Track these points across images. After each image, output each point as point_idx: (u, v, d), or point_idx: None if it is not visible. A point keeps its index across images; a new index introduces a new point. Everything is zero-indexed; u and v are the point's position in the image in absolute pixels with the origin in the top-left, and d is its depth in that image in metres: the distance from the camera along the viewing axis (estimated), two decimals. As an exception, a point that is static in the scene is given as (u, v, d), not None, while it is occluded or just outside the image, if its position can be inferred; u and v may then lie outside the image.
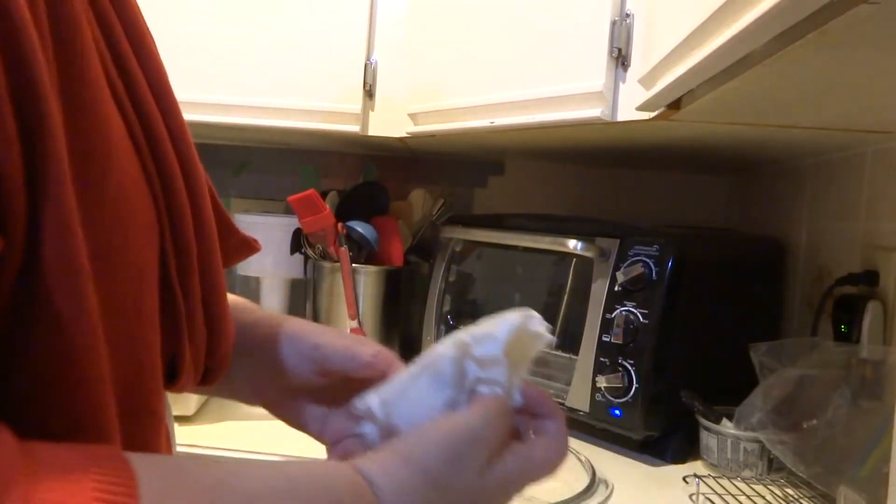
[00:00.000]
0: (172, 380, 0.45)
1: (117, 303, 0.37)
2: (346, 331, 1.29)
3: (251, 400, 0.58)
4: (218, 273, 0.46)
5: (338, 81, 1.28)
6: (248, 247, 0.57)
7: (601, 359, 1.00)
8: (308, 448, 0.93)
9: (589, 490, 0.68)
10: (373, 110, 1.29)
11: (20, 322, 0.32)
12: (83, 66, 0.35)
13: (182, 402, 0.98)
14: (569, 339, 1.06)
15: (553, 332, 0.53)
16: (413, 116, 1.24)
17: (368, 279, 1.33)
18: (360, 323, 1.30)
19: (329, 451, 0.55)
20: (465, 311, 1.25)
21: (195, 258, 0.43)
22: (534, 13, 1.04)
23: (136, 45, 0.42)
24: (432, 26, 1.21)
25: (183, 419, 0.99)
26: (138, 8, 0.44)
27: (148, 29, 0.44)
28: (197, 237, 0.44)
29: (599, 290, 1.02)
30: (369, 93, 1.28)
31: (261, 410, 0.58)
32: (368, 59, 1.28)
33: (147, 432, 0.41)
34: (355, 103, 1.28)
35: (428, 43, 1.22)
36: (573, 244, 1.04)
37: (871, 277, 0.95)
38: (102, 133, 0.36)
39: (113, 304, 0.37)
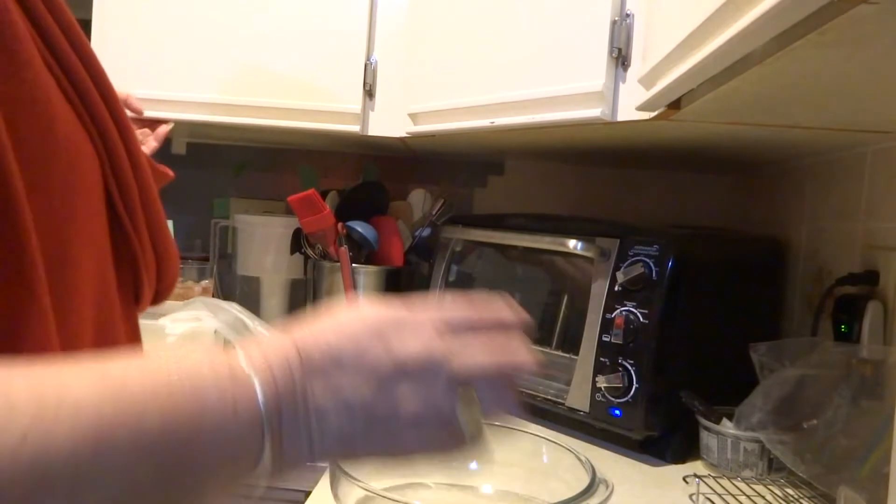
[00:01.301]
0: (137, 303, 0.54)
1: (77, 231, 0.45)
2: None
3: None
4: (156, 203, 0.53)
5: (338, 81, 1.28)
6: (165, 174, 0.67)
7: (601, 359, 1.00)
8: (308, 448, 0.92)
9: (589, 490, 0.68)
10: (373, 110, 1.29)
11: None
12: (13, 34, 0.41)
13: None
14: (569, 339, 1.06)
15: (552, 331, 0.55)
16: (413, 116, 1.24)
17: (368, 279, 1.33)
18: (360, 323, 1.29)
19: None
20: (465, 311, 1.25)
21: (136, 190, 0.51)
22: (534, 13, 1.04)
23: (52, 10, 0.47)
24: (432, 26, 1.21)
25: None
26: None
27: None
28: (134, 172, 0.51)
29: (599, 290, 1.02)
30: (369, 93, 1.28)
31: None
32: (368, 59, 1.28)
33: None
34: (355, 103, 1.28)
35: (428, 43, 1.22)
36: (573, 244, 1.04)
37: (871, 277, 0.96)
38: (39, 90, 0.42)
39: (76, 232, 0.44)
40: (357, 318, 0.43)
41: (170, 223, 0.60)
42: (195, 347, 0.41)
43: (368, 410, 0.41)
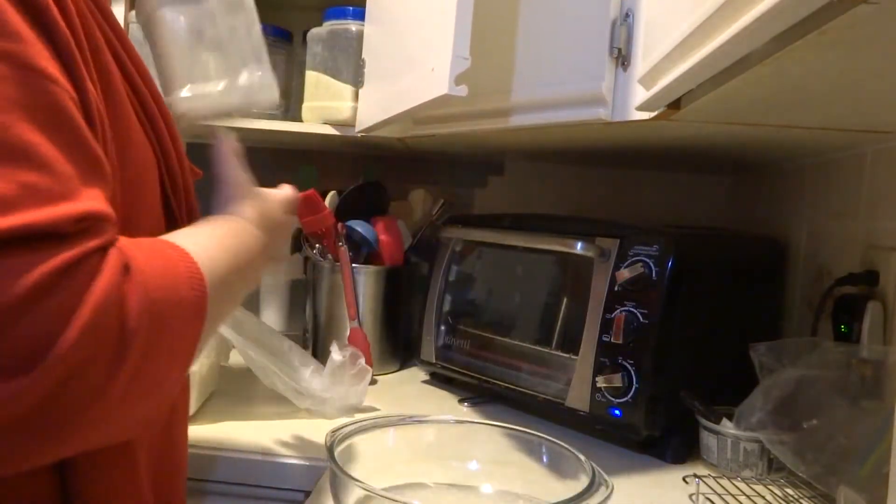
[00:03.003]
0: None
1: (146, 221, 0.59)
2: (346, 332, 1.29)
3: None
4: (192, 192, 0.69)
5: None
6: (196, 172, 0.79)
7: (601, 359, 1.00)
8: (310, 449, 0.93)
9: (589, 490, 0.68)
10: (373, 110, 1.29)
11: None
12: (108, 67, 0.55)
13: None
14: (569, 339, 1.06)
15: (551, 331, 0.55)
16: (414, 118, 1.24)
17: (368, 279, 1.33)
18: (360, 323, 1.29)
19: None
20: (465, 311, 1.25)
21: (182, 186, 0.66)
22: (533, 14, 1.04)
23: (120, 38, 0.61)
24: (432, 26, 1.21)
25: (183, 419, 0.99)
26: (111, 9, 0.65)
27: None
28: (180, 168, 0.66)
29: (599, 290, 1.02)
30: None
31: (261, 411, 0.66)
32: (368, 59, 1.28)
33: None
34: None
35: (428, 43, 1.22)
36: (573, 244, 1.04)
37: (871, 277, 0.95)
38: (123, 109, 0.56)
39: (143, 222, 0.59)
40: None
41: None
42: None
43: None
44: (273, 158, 1.68)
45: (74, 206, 0.44)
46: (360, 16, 1.29)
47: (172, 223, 0.64)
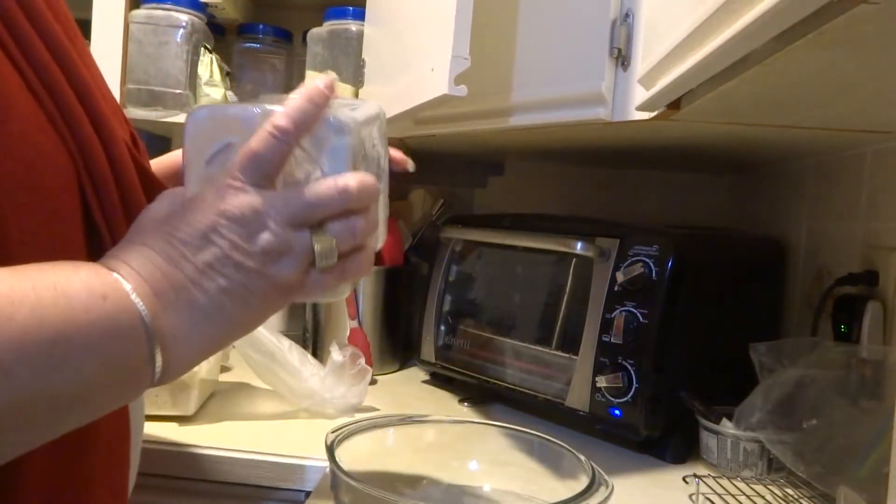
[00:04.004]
0: None
1: (31, 232, 0.44)
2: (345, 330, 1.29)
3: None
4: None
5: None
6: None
7: (601, 359, 1.00)
8: (310, 449, 0.93)
9: (589, 490, 0.68)
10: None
11: None
12: None
13: (182, 402, 0.98)
14: (569, 339, 1.06)
15: (551, 331, 0.55)
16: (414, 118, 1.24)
17: (368, 279, 1.33)
18: (360, 323, 1.29)
19: None
20: (465, 311, 1.25)
21: (116, 195, 0.51)
22: (533, 14, 1.04)
23: (29, 13, 0.48)
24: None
25: (183, 419, 0.99)
26: None
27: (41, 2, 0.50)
28: (114, 175, 0.51)
29: (599, 290, 1.02)
30: (369, 93, 1.28)
31: (261, 411, 0.62)
32: (368, 59, 1.28)
33: None
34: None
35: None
36: (573, 244, 1.04)
37: (871, 277, 0.95)
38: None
39: (25, 233, 0.44)
40: (160, 208, 0.48)
41: None
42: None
43: (231, 260, 0.45)
44: (273, 158, 1.68)
45: None
46: (360, 16, 1.29)
47: (97, 244, 0.50)
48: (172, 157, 0.75)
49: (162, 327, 0.43)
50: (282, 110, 0.48)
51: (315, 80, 0.50)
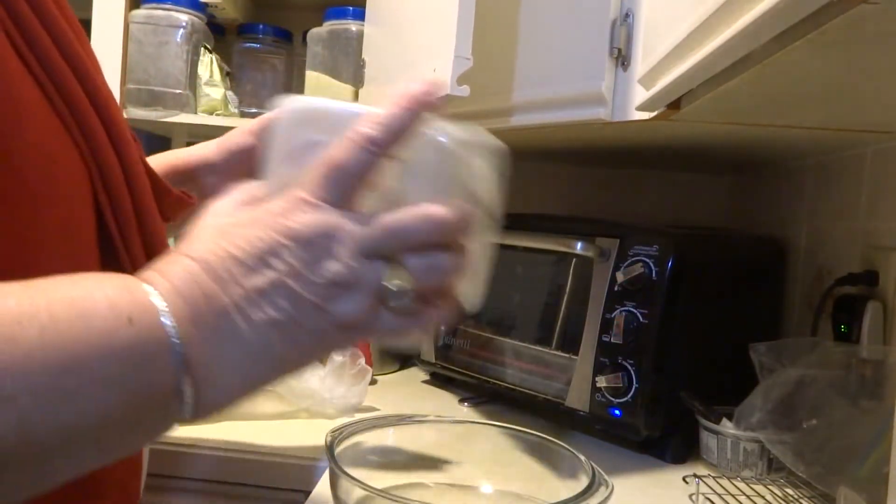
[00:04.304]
0: None
1: (47, 239, 0.42)
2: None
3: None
4: (155, 222, 0.50)
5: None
6: (184, 201, 0.62)
7: (601, 359, 1.00)
8: (310, 449, 0.93)
9: (589, 490, 0.68)
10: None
11: None
12: None
13: (182, 402, 0.98)
14: (569, 339, 1.06)
15: (551, 331, 0.52)
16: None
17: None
18: (360, 323, 1.29)
19: None
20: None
21: (129, 201, 0.48)
22: (534, 14, 1.04)
23: (43, 19, 0.45)
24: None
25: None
26: None
27: (53, 6, 0.48)
28: (127, 180, 0.48)
29: (599, 290, 1.02)
30: (369, 93, 1.28)
31: (261, 411, 0.60)
32: (368, 59, 1.28)
33: None
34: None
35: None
36: (573, 244, 1.04)
37: (871, 277, 0.95)
38: (11, 94, 0.40)
39: (43, 240, 0.42)
40: (224, 209, 0.43)
41: (171, 241, 0.57)
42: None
43: (286, 289, 0.39)
44: (273, 158, 1.68)
45: None
46: (360, 16, 1.29)
47: (109, 250, 0.48)
48: (168, 157, 0.75)
49: (195, 356, 0.37)
50: (374, 114, 0.42)
51: (413, 84, 0.43)
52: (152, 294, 0.37)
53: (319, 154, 0.41)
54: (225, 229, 0.41)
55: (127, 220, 0.48)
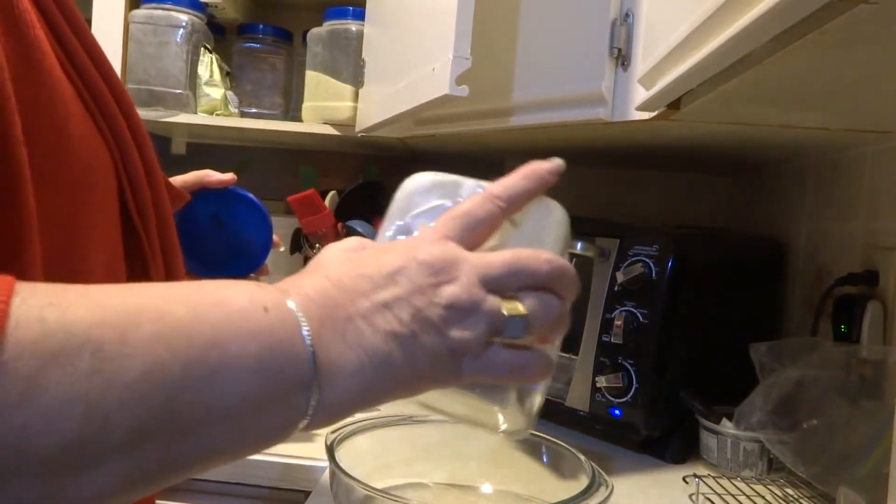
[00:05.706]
0: None
1: (92, 230, 0.47)
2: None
3: None
4: (167, 210, 0.55)
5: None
6: (182, 196, 0.70)
7: (601, 359, 1.00)
8: (310, 449, 0.93)
9: (589, 490, 0.68)
10: (373, 110, 1.29)
11: None
12: (31, 41, 0.42)
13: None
14: (569, 339, 1.06)
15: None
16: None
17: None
18: (360, 323, 1.29)
19: None
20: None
21: (149, 195, 0.52)
22: (534, 14, 1.04)
23: (70, 21, 0.49)
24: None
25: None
26: None
27: (77, 9, 0.52)
28: (148, 179, 0.53)
29: (599, 290, 1.02)
30: (369, 93, 1.28)
31: None
32: (368, 59, 1.28)
33: None
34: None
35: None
36: (573, 244, 1.04)
37: (871, 277, 0.95)
38: (56, 94, 0.44)
39: (91, 231, 0.46)
40: (350, 244, 0.47)
41: None
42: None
43: (410, 305, 0.41)
44: (273, 158, 1.69)
45: None
46: (360, 16, 1.29)
47: (132, 234, 0.52)
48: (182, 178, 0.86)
49: (321, 352, 0.39)
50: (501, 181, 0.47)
51: (540, 164, 0.50)
52: (284, 294, 0.40)
53: (439, 214, 0.46)
54: (351, 257, 0.44)
55: (147, 212, 0.52)
